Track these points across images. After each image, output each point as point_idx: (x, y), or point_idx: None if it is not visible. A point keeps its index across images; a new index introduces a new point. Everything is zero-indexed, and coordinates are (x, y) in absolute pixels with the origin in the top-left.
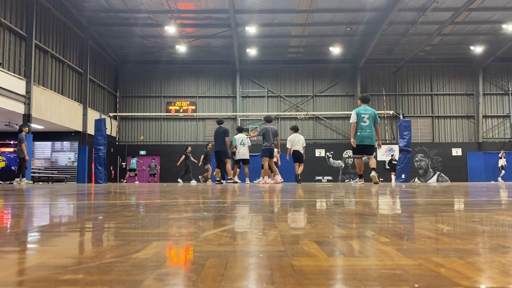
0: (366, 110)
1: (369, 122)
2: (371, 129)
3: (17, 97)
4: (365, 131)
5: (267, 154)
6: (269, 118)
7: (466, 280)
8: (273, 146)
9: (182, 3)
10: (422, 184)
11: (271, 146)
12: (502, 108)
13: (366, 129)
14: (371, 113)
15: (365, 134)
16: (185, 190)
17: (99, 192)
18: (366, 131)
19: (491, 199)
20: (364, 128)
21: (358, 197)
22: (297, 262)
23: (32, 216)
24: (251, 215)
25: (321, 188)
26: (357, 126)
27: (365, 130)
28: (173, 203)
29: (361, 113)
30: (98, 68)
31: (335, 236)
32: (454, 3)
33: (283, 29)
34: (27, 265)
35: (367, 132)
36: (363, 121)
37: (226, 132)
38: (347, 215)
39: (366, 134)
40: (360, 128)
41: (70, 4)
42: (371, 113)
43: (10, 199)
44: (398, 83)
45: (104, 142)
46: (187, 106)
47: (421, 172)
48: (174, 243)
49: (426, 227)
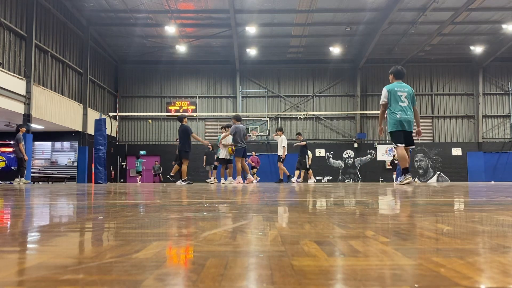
0: (402, 87)
1: (408, 102)
2: (411, 111)
3: (17, 97)
4: (405, 113)
5: (240, 154)
6: (238, 117)
7: (466, 280)
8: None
9: (182, 3)
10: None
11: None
12: (502, 108)
13: (405, 111)
14: (408, 91)
15: (405, 117)
16: (184, 190)
17: (99, 192)
18: (406, 113)
19: (491, 199)
20: (404, 110)
21: (358, 197)
22: (297, 262)
23: (32, 216)
24: (251, 215)
25: (321, 188)
26: (392, 108)
27: (405, 112)
28: (173, 203)
29: (397, 90)
30: (98, 68)
31: (335, 236)
32: (454, 3)
33: (283, 29)
34: (27, 265)
35: (407, 114)
36: (401, 101)
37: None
38: (347, 215)
39: (407, 118)
40: (397, 109)
41: (70, 4)
42: (409, 91)
43: (10, 199)
44: None
45: (104, 142)
46: (187, 106)
47: (421, 172)
48: (174, 243)
49: (426, 227)
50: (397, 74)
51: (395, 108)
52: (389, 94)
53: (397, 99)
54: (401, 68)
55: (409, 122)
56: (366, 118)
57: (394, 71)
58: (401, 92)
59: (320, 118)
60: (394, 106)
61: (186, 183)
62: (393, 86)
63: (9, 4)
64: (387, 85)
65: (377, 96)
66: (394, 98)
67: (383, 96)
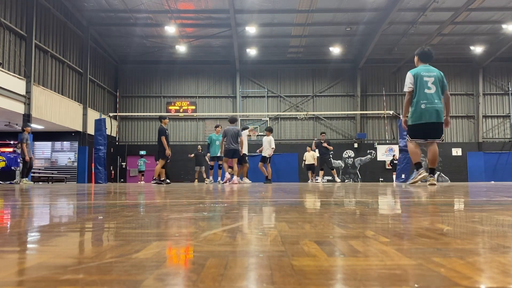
0: (429, 71)
1: (436, 88)
2: (439, 99)
3: (17, 97)
4: (431, 102)
5: (229, 155)
6: (231, 119)
7: (466, 280)
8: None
9: (182, 3)
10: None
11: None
12: (502, 108)
13: (432, 99)
14: (437, 76)
15: (430, 107)
16: (184, 190)
17: (99, 192)
18: (432, 101)
19: (491, 199)
20: (430, 98)
21: (358, 197)
22: (297, 262)
23: (32, 216)
24: (251, 215)
25: (320, 188)
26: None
27: (431, 100)
28: (173, 203)
29: (423, 75)
30: (98, 68)
31: (335, 236)
32: (454, 3)
33: (283, 29)
34: (27, 265)
35: (434, 103)
36: (427, 87)
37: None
38: (347, 215)
39: (433, 107)
40: (422, 97)
41: (70, 4)
42: (437, 75)
43: (10, 199)
44: (398, 83)
45: (104, 142)
46: (187, 106)
47: None
48: (174, 243)
49: (426, 227)
50: (424, 56)
51: (420, 96)
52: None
53: (422, 86)
54: (428, 49)
55: (437, 112)
56: (366, 118)
57: (420, 52)
58: (428, 77)
59: (320, 118)
60: (418, 94)
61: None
62: (419, 70)
63: (9, 4)
64: (412, 69)
65: (377, 96)
66: (420, 85)
67: (408, 82)
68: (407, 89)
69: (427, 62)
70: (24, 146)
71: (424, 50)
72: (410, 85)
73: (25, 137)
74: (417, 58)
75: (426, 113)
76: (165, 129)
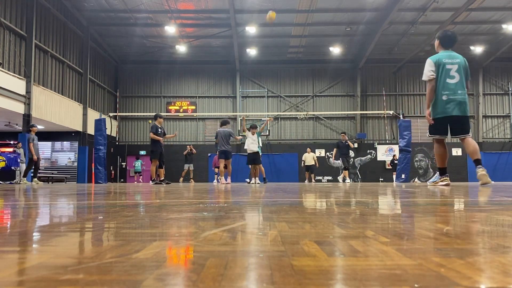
0: (452, 57)
1: (460, 77)
2: (463, 89)
3: (17, 97)
4: (454, 93)
5: (222, 156)
6: (223, 122)
7: (466, 280)
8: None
9: (182, 3)
10: (422, 184)
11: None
12: (502, 108)
13: (455, 90)
14: (460, 63)
15: (454, 98)
16: (184, 191)
17: (99, 192)
18: (455, 92)
19: (491, 199)
20: (452, 88)
21: (358, 197)
22: (297, 262)
23: (32, 216)
24: (251, 215)
25: (321, 188)
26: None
27: (454, 91)
28: (173, 203)
29: (445, 61)
30: (98, 68)
31: (335, 236)
32: (454, 3)
33: (283, 29)
34: (27, 265)
35: (457, 94)
36: (449, 76)
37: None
38: (347, 215)
39: (456, 98)
40: (443, 87)
41: (70, 4)
42: (461, 62)
43: (10, 199)
44: (398, 83)
45: (104, 142)
46: (187, 106)
47: (421, 172)
48: (174, 243)
49: (426, 227)
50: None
51: (442, 86)
52: (437, 67)
53: (444, 74)
54: (451, 33)
55: (461, 104)
56: (366, 118)
57: (441, 35)
58: (451, 64)
59: (320, 118)
60: (439, 83)
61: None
62: (441, 57)
63: (9, 4)
64: (432, 56)
65: (377, 96)
66: (441, 73)
67: (428, 69)
68: (428, 77)
69: (449, 48)
70: (31, 146)
71: (447, 33)
72: (432, 72)
73: (31, 137)
74: (438, 42)
75: (449, 106)
76: (157, 127)
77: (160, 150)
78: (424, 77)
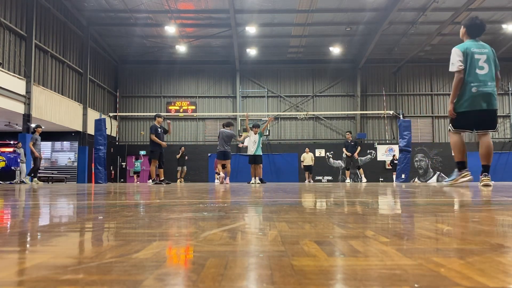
0: (481, 46)
1: (489, 68)
2: (492, 81)
3: (17, 97)
4: (484, 85)
5: (220, 156)
6: (226, 123)
7: (466, 280)
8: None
9: (182, 3)
10: (422, 184)
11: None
12: (502, 108)
13: (485, 81)
14: (489, 53)
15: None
16: (184, 191)
17: (99, 192)
18: (485, 84)
19: (491, 199)
20: (483, 80)
21: (358, 197)
22: (297, 262)
23: (32, 216)
24: (251, 215)
25: (321, 188)
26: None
27: (484, 82)
28: (173, 203)
29: (473, 51)
30: (98, 68)
31: (335, 236)
32: (454, 3)
33: (283, 29)
34: (27, 265)
35: (487, 86)
36: (479, 66)
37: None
38: (347, 215)
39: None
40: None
41: (70, 4)
42: (490, 52)
43: (10, 199)
44: (398, 83)
45: (104, 142)
46: (187, 106)
47: (421, 172)
48: (174, 243)
49: (426, 227)
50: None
51: (471, 78)
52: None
53: (473, 65)
54: (480, 21)
55: (490, 96)
56: (366, 118)
57: (469, 24)
58: (480, 54)
59: (320, 118)
60: (468, 74)
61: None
62: (468, 46)
63: (9, 4)
64: (459, 45)
65: (377, 96)
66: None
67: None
68: (457, 68)
69: (476, 37)
70: (31, 144)
71: (475, 21)
72: (460, 62)
73: (34, 137)
74: (464, 31)
75: (478, 99)
76: (157, 127)
77: (160, 150)
78: (452, 68)
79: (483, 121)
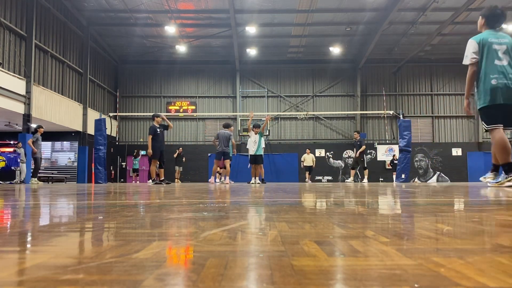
0: (500, 37)
1: (509, 59)
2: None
3: (17, 97)
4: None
5: (219, 157)
6: (225, 124)
7: (466, 280)
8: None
9: (182, 3)
10: (422, 184)
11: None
12: None
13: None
14: (509, 43)
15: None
16: (184, 191)
17: (99, 192)
18: (506, 76)
19: (491, 199)
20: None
21: (358, 197)
22: (297, 262)
23: (32, 216)
24: (251, 215)
25: (321, 188)
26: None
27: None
28: (173, 203)
29: (491, 41)
30: (98, 68)
31: (335, 236)
32: (454, 3)
33: (283, 29)
34: (27, 265)
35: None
36: (498, 57)
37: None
38: (347, 215)
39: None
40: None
41: (70, 4)
42: (509, 42)
43: (10, 199)
44: (398, 83)
45: (104, 142)
46: (187, 106)
47: (421, 172)
48: (174, 243)
49: (426, 227)
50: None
51: (489, 69)
52: (482, 48)
53: (492, 56)
54: (500, 11)
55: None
56: (366, 118)
57: (488, 13)
58: (498, 44)
59: (320, 118)
60: (487, 66)
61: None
62: (486, 36)
63: (9, 4)
64: (475, 36)
65: (377, 96)
66: (487, 55)
67: (470, 52)
68: (469, 61)
69: (496, 28)
70: (30, 141)
71: (496, 11)
72: (474, 55)
73: (36, 136)
74: (482, 21)
75: (500, 91)
76: (155, 128)
77: (160, 150)
78: (465, 61)
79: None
